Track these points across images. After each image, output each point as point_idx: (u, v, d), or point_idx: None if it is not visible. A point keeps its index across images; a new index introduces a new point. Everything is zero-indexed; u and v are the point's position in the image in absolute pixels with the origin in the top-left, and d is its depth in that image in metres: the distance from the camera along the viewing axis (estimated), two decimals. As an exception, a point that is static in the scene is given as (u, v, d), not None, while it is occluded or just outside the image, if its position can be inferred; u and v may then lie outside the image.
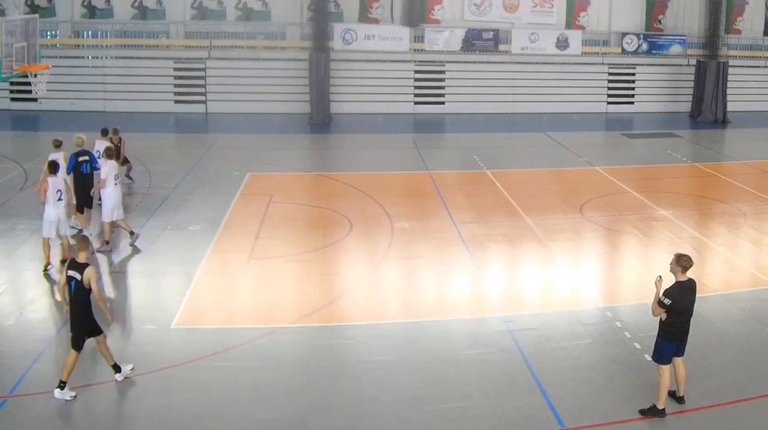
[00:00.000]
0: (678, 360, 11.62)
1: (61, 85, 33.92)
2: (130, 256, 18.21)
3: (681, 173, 28.56)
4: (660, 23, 43.13)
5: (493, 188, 25.05)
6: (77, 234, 18.46)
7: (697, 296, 11.59)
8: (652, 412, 11.50)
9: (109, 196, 18.44)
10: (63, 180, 17.13)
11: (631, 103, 42.85)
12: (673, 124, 38.97)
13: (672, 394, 11.78)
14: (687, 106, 41.79)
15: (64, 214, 16.96)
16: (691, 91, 41.56)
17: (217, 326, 14.56)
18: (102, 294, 12.19)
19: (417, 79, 40.82)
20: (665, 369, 11.47)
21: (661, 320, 11.40)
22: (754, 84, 43.62)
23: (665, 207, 22.74)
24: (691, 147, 34.18)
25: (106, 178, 18.37)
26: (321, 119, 37.07)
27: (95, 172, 18.93)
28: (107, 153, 18.96)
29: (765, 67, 43.97)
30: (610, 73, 42.48)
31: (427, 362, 13.20)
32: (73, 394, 11.77)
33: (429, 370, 12.95)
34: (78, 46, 39.40)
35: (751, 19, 43.95)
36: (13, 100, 37.15)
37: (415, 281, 17.43)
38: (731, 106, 40.67)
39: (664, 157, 31.13)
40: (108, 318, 12.28)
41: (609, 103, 42.57)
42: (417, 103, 40.78)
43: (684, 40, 42.53)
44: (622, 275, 18.12)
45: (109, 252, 18.17)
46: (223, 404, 11.68)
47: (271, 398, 11.97)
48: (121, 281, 16.79)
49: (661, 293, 11.23)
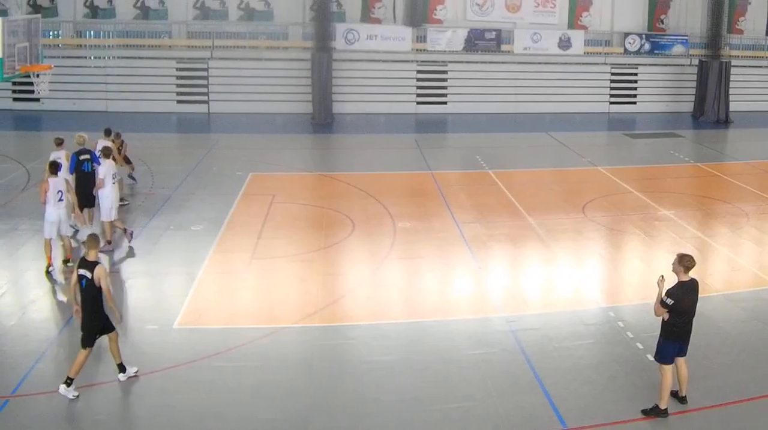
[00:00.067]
0: (680, 360, 11.62)
1: (63, 85, 33.92)
2: (132, 256, 18.22)
3: (683, 173, 28.54)
4: (662, 23, 43.12)
5: (496, 188, 25.04)
6: (75, 234, 18.53)
7: (700, 296, 11.57)
8: (654, 412, 11.49)
9: (107, 196, 18.46)
10: (64, 180, 17.13)
11: (634, 103, 42.85)
12: (676, 124, 38.96)
13: (674, 394, 11.77)
14: (689, 106, 41.77)
15: (65, 214, 16.99)
16: (693, 91, 41.52)
17: (219, 326, 14.56)
18: (112, 292, 12.17)
19: (419, 79, 40.82)
20: (667, 369, 11.46)
21: (663, 320, 11.40)
22: (757, 84, 43.60)
23: (668, 207, 22.73)
24: (693, 147, 34.15)
25: (104, 178, 18.41)
26: (323, 119, 37.06)
27: (97, 171, 18.95)
28: (104, 152, 18.95)
29: (767, 67, 43.92)
30: (613, 73, 42.48)
31: (429, 362, 13.20)
32: (77, 394, 11.78)
33: (431, 370, 12.95)
34: (80, 46, 39.40)
35: (753, 19, 43.93)
36: (16, 100, 37.20)
37: (417, 281, 17.42)
38: (733, 106, 40.63)
39: (666, 157, 31.11)
40: (117, 316, 12.30)
41: (611, 103, 42.57)
42: (419, 103, 40.79)
43: (686, 40, 42.51)
44: (625, 275, 18.11)
45: (111, 252, 18.18)
46: (225, 404, 11.69)
47: (273, 398, 11.98)
48: (123, 280, 16.79)
49: (663, 293, 11.23)
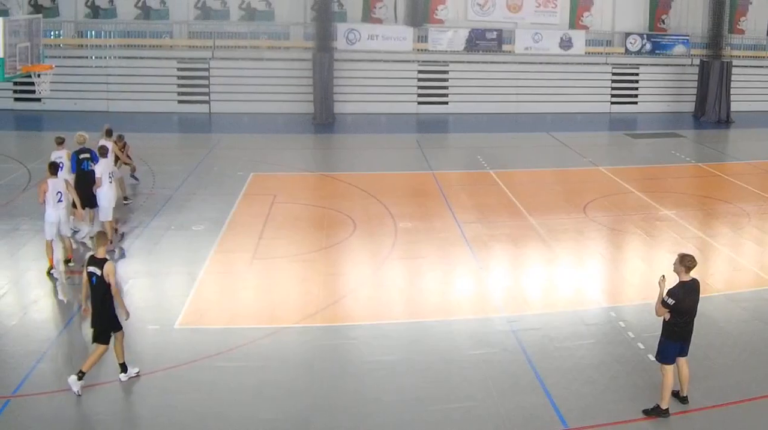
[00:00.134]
0: (681, 360, 11.62)
1: (64, 85, 33.99)
2: (133, 256, 18.22)
3: (684, 173, 28.53)
4: (663, 23, 43.11)
5: (497, 188, 25.04)
6: (73, 235, 18.50)
7: (701, 296, 11.57)
8: (655, 412, 11.49)
9: (105, 195, 18.46)
10: (63, 181, 17.08)
11: (635, 103, 42.84)
12: (677, 124, 38.94)
13: (675, 394, 11.77)
14: (690, 106, 41.75)
15: (65, 215, 16.95)
16: (694, 91, 41.50)
17: (220, 326, 14.56)
18: (119, 289, 12.21)
19: (420, 79, 40.81)
20: (669, 369, 11.46)
21: (664, 320, 11.39)
22: (758, 84, 43.56)
23: (669, 207, 22.72)
24: (694, 147, 34.13)
25: (101, 176, 18.40)
26: (324, 119, 37.06)
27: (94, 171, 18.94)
28: (101, 152, 18.93)
29: (768, 67, 44.01)
30: (614, 73, 42.46)
31: (430, 362, 13.19)
32: (80, 392, 11.78)
33: (432, 370, 12.94)
34: (81, 46, 39.40)
35: (754, 20, 43.88)
36: (17, 100, 37.20)
37: (418, 281, 17.42)
38: (735, 106, 40.61)
39: (667, 157, 31.11)
40: (124, 313, 12.30)
41: (612, 103, 42.55)
42: (420, 103, 40.77)
43: (687, 40, 42.49)
44: (626, 275, 18.10)
45: (112, 251, 18.17)
46: (226, 404, 11.69)
47: (274, 398, 11.98)
48: (124, 281, 16.77)
49: (664, 293, 11.23)
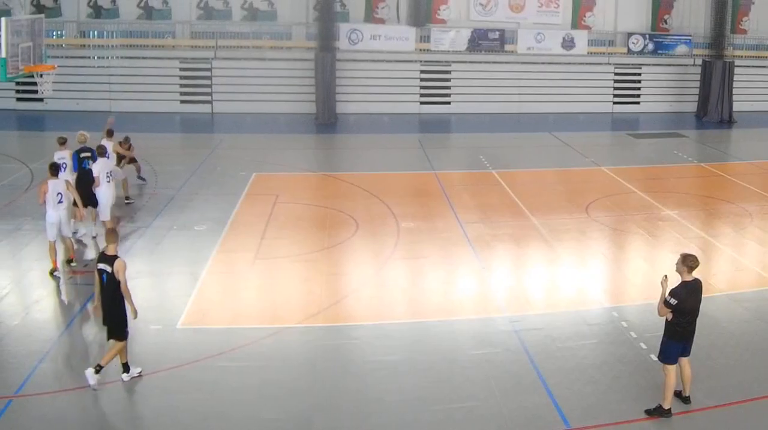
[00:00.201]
0: (684, 360, 11.61)
1: (66, 85, 34.03)
2: (136, 255, 18.20)
3: (687, 173, 28.51)
4: (666, 23, 43.08)
5: (499, 188, 25.04)
6: (74, 234, 18.47)
7: (703, 296, 11.56)
8: (658, 412, 11.48)
9: (104, 194, 18.49)
10: (64, 182, 17.02)
11: (637, 103, 42.83)
12: (679, 124, 38.93)
13: (678, 394, 11.76)
14: (693, 106, 41.74)
15: (65, 216, 16.88)
16: (697, 91, 41.50)
17: (222, 326, 14.57)
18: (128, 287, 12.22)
19: (423, 79, 40.83)
20: (671, 369, 11.45)
21: (667, 320, 11.39)
22: (760, 84, 43.56)
23: (671, 207, 22.71)
24: (697, 147, 34.12)
25: (99, 176, 18.39)
26: (327, 119, 37.10)
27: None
28: (99, 151, 18.92)
29: (771, 66, 43.97)
30: (616, 73, 42.46)
31: (432, 362, 13.19)
32: (96, 386, 11.89)
33: (434, 370, 12.94)
34: (84, 46, 39.47)
35: (756, 19, 43.85)
36: (19, 100, 37.28)
37: (420, 281, 17.42)
38: (737, 106, 40.64)
39: (670, 157, 31.09)
40: (133, 311, 12.29)
41: (615, 103, 42.56)
42: (423, 103, 40.79)
43: (690, 40, 42.47)
44: (628, 275, 18.08)
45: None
46: (228, 404, 11.69)
47: (276, 398, 11.97)
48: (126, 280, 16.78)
49: (667, 293, 11.22)
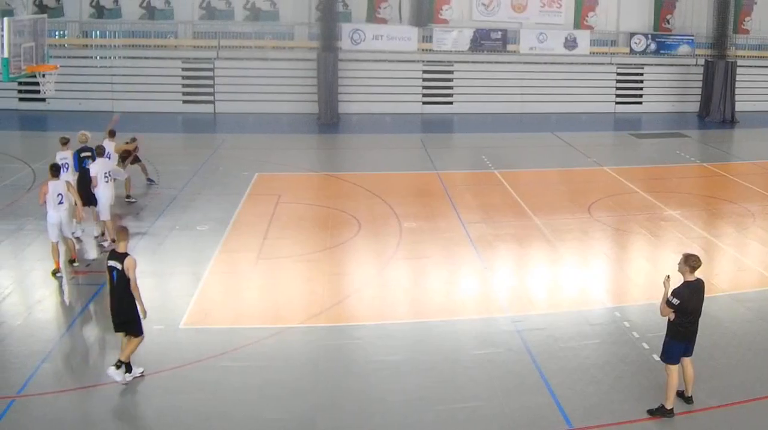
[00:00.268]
0: (686, 360, 11.61)
1: (69, 85, 34.04)
2: (138, 255, 18.10)
3: (689, 173, 28.49)
4: (668, 23, 43.06)
5: (501, 188, 25.03)
6: (73, 235, 18.43)
7: (706, 296, 11.56)
8: (660, 412, 11.48)
9: (103, 194, 18.44)
10: (64, 183, 16.93)
11: (640, 103, 42.80)
12: (682, 124, 38.90)
13: (680, 394, 11.75)
14: (695, 106, 41.71)
15: (66, 217, 16.78)
16: (699, 91, 41.48)
17: (225, 326, 14.58)
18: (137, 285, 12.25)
19: (425, 79, 40.82)
20: (673, 369, 11.45)
21: (669, 320, 11.39)
22: (763, 84, 43.53)
23: (673, 207, 22.69)
24: (699, 147, 34.09)
25: (96, 176, 18.36)
26: (329, 119, 37.09)
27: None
28: (98, 151, 18.89)
29: (773, 66, 43.91)
30: (619, 73, 42.44)
31: (435, 362, 13.19)
32: (126, 381, 12.10)
33: (437, 370, 12.94)
34: (86, 46, 39.49)
35: (759, 19, 43.83)
36: (22, 100, 37.30)
37: (423, 281, 17.41)
38: (739, 106, 40.60)
39: (672, 157, 31.07)
40: (142, 310, 12.33)
41: (617, 103, 42.53)
42: (425, 103, 40.78)
43: (692, 40, 42.45)
44: (631, 275, 18.07)
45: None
46: (231, 404, 11.70)
47: (279, 398, 11.98)
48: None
49: (669, 293, 11.22)
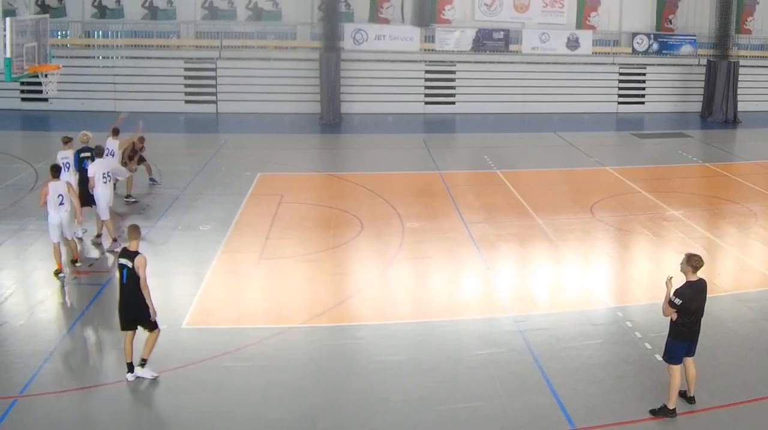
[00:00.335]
0: (689, 360, 11.60)
1: (71, 85, 34.04)
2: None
3: (691, 173, 28.47)
4: (670, 23, 43.00)
5: (504, 188, 25.02)
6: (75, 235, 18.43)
7: (708, 296, 11.56)
8: (662, 412, 11.48)
9: (101, 194, 18.37)
10: (65, 184, 16.82)
11: (642, 103, 42.73)
12: (684, 124, 38.85)
13: (683, 394, 11.76)
14: (698, 106, 41.63)
15: (67, 217, 16.67)
16: (701, 91, 41.39)
17: (227, 326, 14.59)
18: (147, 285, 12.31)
19: (427, 79, 40.78)
20: (676, 369, 11.45)
21: (671, 320, 11.38)
22: (765, 84, 43.43)
23: (676, 207, 22.68)
24: (701, 147, 34.06)
25: (94, 177, 18.32)
26: (331, 119, 37.08)
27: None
28: (96, 151, 18.87)
29: (776, 66, 43.86)
30: (621, 73, 42.37)
31: (437, 362, 13.20)
32: (156, 374, 12.28)
33: (439, 370, 12.95)
34: (88, 46, 39.51)
35: (761, 20, 43.76)
36: (24, 100, 37.26)
37: (425, 281, 17.42)
38: (742, 106, 40.52)
39: (674, 157, 31.04)
40: (152, 309, 12.36)
41: (619, 103, 42.46)
42: (427, 103, 40.74)
43: (694, 40, 42.40)
44: (633, 275, 18.07)
45: (120, 246, 18.15)
46: (233, 403, 11.71)
47: (281, 398, 11.99)
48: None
49: (671, 293, 11.21)
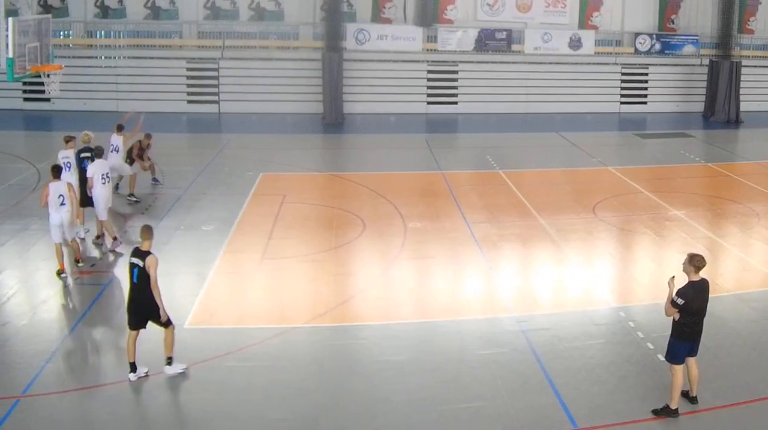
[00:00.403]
0: (691, 360, 11.60)
1: (74, 85, 34.04)
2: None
3: (694, 173, 28.46)
4: (673, 23, 42.98)
5: (506, 188, 25.02)
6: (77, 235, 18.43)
7: (710, 296, 11.55)
8: (665, 412, 11.48)
9: (99, 195, 18.34)
10: (66, 184, 16.75)
11: (644, 103, 42.73)
12: (686, 124, 38.83)
13: (685, 394, 11.75)
14: (700, 106, 41.61)
15: (68, 218, 16.60)
16: (704, 91, 41.37)
17: (230, 326, 14.60)
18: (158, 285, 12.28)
19: (430, 79, 40.78)
20: (678, 369, 11.44)
21: (674, 320, 11.38)
22: (767, 84, 43.40)
23: (678, 207, 22.67)
24: (704, 147, 34.04)
25: (92, 177, 18.30)
26: (334, 119, 37.09)
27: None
28: (96, 152, 18.86)
29: (778, 66, 43.81)
30: (623, 73, 42.35)
31: (439, 362, 13.20)
32: (185, 366, 12.51)
33: (442, 370, 12.95)
34: (91, 46, 39.50)
35: (764, 19, 43.71)
36: (26, 100, 37.29)
37: (427, 281, 17.43)
38: (744, 106, 40.48)
39: (677, 157, 31.04)
40: (163, 310, 12.34)
41: (622, 103, 42.45)
42: (430, 103, 40.75)
43: (697, 40, 42.36)
44: (635, 275, 18.07)
45: (121, 244, 18.24)
46: (236, 403, 11.71)
47: (283, 398, 12.00)
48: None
49: (674, 293, 11.21)
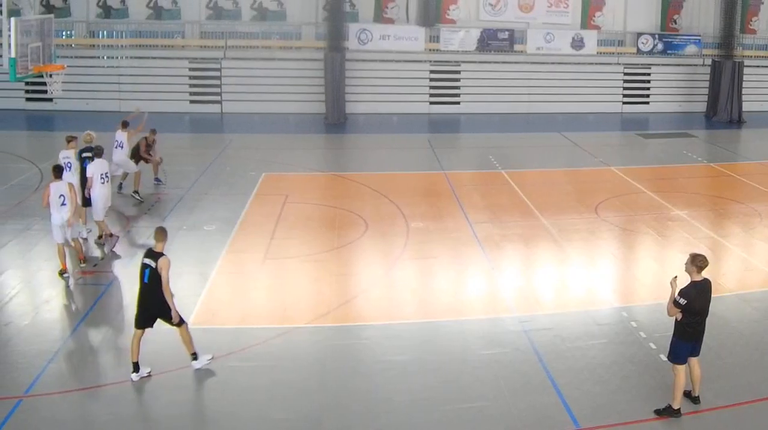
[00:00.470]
0: (693, 360, 11.60)
1: (76, 85, 34.06)
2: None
3: (696, 173, 28.45)
4: (675, 23, 42.96)
5: (509, 188, 25.02)
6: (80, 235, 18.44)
7: (713, 295, 11.55)
8: (667, 412, 11.47)
9: (98, 195, 18.30)
10: (67, 184, 16.66)
11: (647, 103, 42.70)
12: (689, 124, 38.81)
13: (687, 394, 11.75)
14: (702, 106, 41.60)
15: (68, 218, 16.51)
16: (706, 91, 41.36)
17: (232, 326, 14.61)
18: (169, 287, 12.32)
19: (432, 79, 40.80)
20: (680, 369, 11.44)
21: (676, 320, 11.38)
22: (770, 84, 43.46)
23: (680, 207, 22.66)
24: (706, 147, 34.02)
25: (92, 177, 18.28)
26: (336, 119, 37.12)
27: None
28: (96, 152, 18.81)
29: (780, 66, 43.78)
30: (626, 73, 42.35)
31: (442, 362, 13.20)
32: (210, 357, 12.72)
33: (444, 370, 12.95)
34: (93, 46, 39.55)
35: (766, 20, 43.68)
36: (29, 100, 37.35)
37: (430, 281, 17.43)
38: (746, 106, 40.46)
39: (679, 157, 31.01)
40: (174, 311, 12.37)
41: (624, 103, 42.45)
42: (432, 103, 40.77)
43: (699, 40, 42.34)
44: (638, 275, 18.05)
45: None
46: (238, 403, 11.72)
47: (286, 398, 12.00)
48: (135, 280, 16.78)
49: (676, 293, 11.21)
